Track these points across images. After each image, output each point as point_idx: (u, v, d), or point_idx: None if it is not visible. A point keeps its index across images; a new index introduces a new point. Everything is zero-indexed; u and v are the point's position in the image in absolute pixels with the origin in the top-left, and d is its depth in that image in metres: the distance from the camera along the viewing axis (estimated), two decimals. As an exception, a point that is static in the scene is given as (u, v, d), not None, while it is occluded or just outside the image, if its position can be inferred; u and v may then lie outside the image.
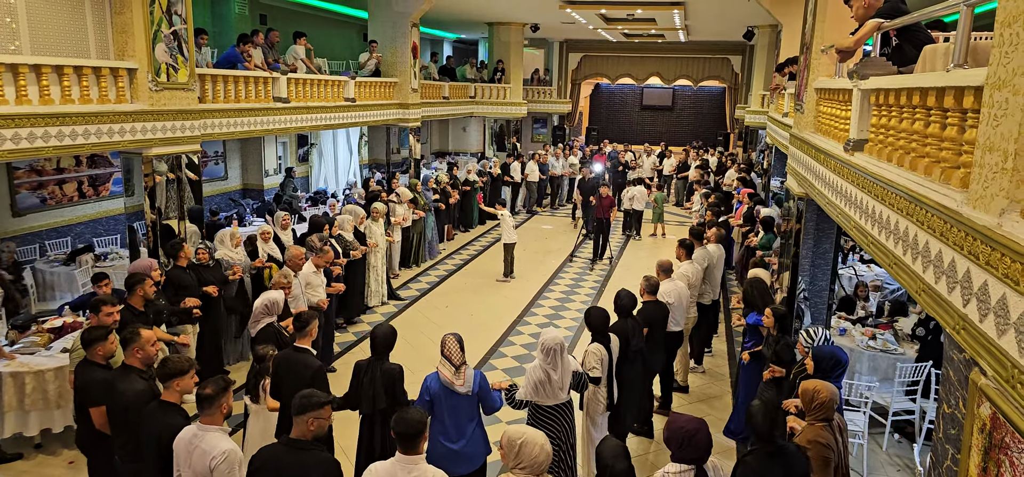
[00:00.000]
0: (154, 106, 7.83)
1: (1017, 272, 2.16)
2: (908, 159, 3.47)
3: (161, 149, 8.05)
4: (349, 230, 9.68)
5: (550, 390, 5.01)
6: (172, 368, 4.22)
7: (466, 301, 11.27)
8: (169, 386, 4.22)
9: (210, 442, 3.84)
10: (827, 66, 6.29)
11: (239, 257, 8.26)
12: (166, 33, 7.89)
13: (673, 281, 7.36)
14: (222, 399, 4.01)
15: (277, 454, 3.80)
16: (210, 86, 9.23)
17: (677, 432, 3.62)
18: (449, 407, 4.73)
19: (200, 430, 3.92)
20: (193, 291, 7.21)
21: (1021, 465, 2.12)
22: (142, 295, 6.17)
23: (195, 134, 8.55)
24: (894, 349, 7.62)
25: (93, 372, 4.77)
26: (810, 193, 6.25)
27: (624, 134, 28.84)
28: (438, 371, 4.77)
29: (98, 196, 11.82)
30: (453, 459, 4.67)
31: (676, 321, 7.29)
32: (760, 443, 3.88)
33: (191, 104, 8.41)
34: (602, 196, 13.84)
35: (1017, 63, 2.28)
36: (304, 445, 3.77)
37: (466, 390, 4.72)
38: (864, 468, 6.76)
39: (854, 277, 10.07)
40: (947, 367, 2.84)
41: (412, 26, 15.13)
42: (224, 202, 14.80)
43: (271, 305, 6.09)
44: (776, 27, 16.96)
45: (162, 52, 7.85)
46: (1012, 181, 2.32)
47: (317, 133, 17.13)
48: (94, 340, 4.85)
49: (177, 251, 7.36)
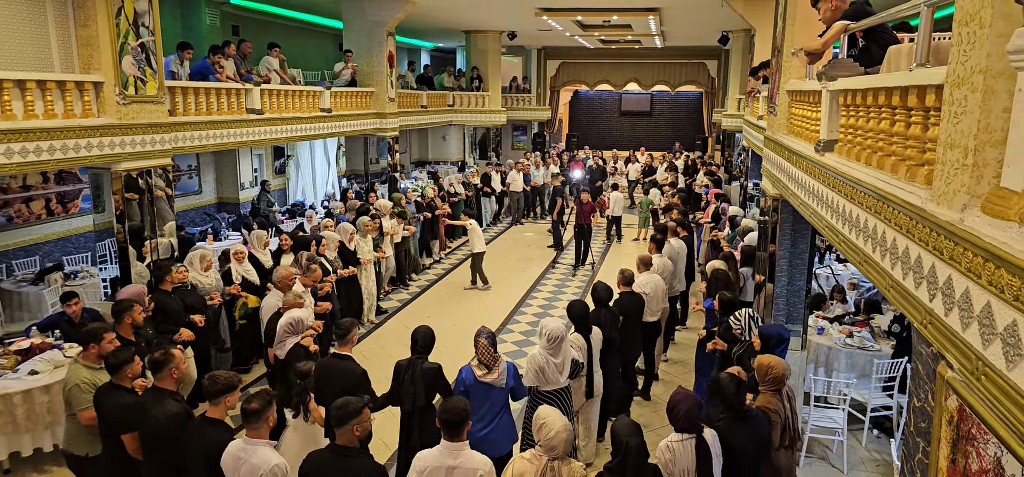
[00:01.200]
0: (122, 120, 7.63)
1: (979, 266, 2.20)
2: (876, 158, 3.52)
3: (130, 164, 7.84)
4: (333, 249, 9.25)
5: (552, 375, 5.31)
6: (223, 384, 4.28)
7: (448, 311, 11.25)
8: (218, 402, 4.28)
9: (260, 456, 3.91)
10: (798, 69, 6.37)
11: (212, 281, 7.88)
12: (133, 45, 7.69)
13: (650, 274, 7.82)
14: (268, 413, 4.06)
15: (324, 461, 3.89)
16: (181, 98, 9.03)
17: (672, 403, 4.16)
18: (482, 398, 5.04)
19: (247, 444, 3.98)
20: (179, 317, 6.91)
21: (988, 456, 2.16)
22: (131, 323, 5.93)
23: (166, 148, 8.34)
24: (871, 346, 7.71)
25: (120, 397, 4.67)
26: (784, 194, 6.31)
27: (604, 140, 29.01)
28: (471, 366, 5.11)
29: (66, 213, 11.47)
30: (483, 444, 4.87)
31: (652, 312, 7.67)
32: (730, 411, 4.31)
33: (161, 117, 8.20)
34: (582, 202, 13.89)
35: (975, 61, 2.32)
36: (351, 452, 3.87)
37: (501, 383, 5.09)
38: (845, 464, 6.83)
39: (831, 276, 10.17)
40: (916, 361, 2.88)
41: (388, 35, 15.07)
42: (199, 217, 14.55)
43: (296, 324, 5.94)
44: (750, 31, 17.14)
45: (129, 64, 7.66)
46: (972, 177, 2.36)
47: (293, 145, 16.94)
48: (122, 363, 4.71)
49: (163, 275, 7.06)
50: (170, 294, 7.05)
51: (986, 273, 2.15)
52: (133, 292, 6.70)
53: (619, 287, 7.13)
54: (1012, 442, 1.97)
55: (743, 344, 5.80)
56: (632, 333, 7.13)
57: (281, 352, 5.87)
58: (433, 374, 5.20)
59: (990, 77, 2.25)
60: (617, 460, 3.82)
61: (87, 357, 5.14)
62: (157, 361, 4.61)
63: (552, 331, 5.31)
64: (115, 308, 6.04)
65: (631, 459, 3.77)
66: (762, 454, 4.36)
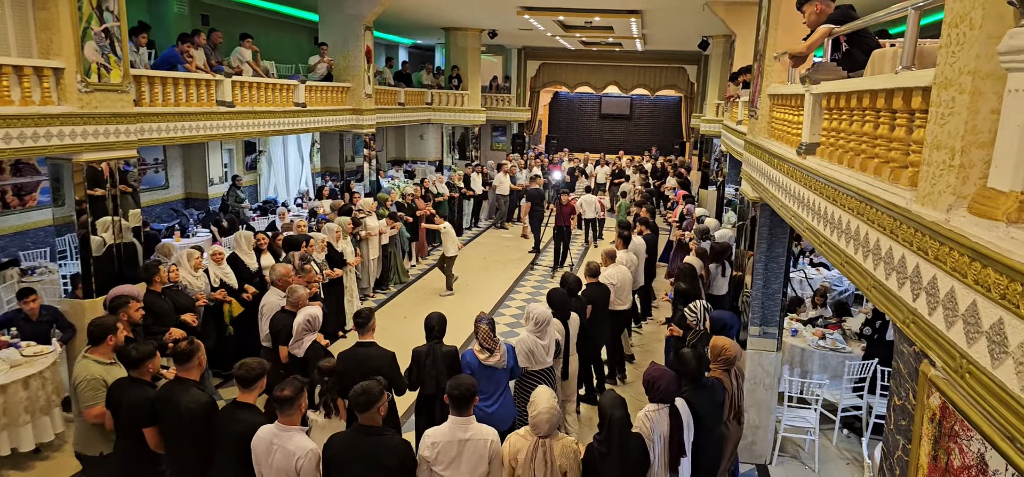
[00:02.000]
0: (84, 109, 7.22)
1: (964, 265, 2.22)
2: (858, 160, 3.55)
3: (93, 155, 7.43)
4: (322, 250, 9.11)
5: (540, 355, 5.86)
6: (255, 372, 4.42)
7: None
8: (252, 388, 4.42)
9: (296, 443, 4.05)
10: (780, 73, 6.42)
11: (201, 283, 7.67)
12: (97, 31, 7.28)
13: (616, 266, 8.48)
14: (300, 400, 4.20)
15: (351, 441, 4.05)
16: (147, 88, 8.67)
17: (646, 377, 4.69)
18: (486, 379, 5.41)
19: (281, 431, 4.10)
20: (169, 319, 6.72)
21: (971, 452, 2.17)
22: (127, 320, 5.79)
23: (131, 139, 7.93)
24: (842, 348, 7.84)
25: (143, 390, 4.65)
26: (764, 197, 6.36)
27: (583, 142, 29.11)
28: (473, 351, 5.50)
29: (24, 206, 11.06)
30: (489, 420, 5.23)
31: (621, 301, 8.33)
32: (692, 382, 4.89)
33: (126, 107, 7.79)
34: (562, 204, 13.92)
35: (963, 62, 2.35)
36: (377, 430, 4.05)
37: (503, 365, 5.49)
38: (816, 462, 6.94)
39: (805, 280, 10.30)
40: (897, 360, 2.90)
41: (365, 29, 14.84)
42: (165, 212, 14.15)
43: (313, 320, 5.89)
44: (730, 37, 17.30)
45: (92, 51, 7.25)
46: (958, 177, 2.38)
47: (266, 140, 16.62)
48: (144, 357, 4.70)
49: (153, 274, 6.85)
50: (160, 295, 6.86)
51: (972, 272, 2.17)
52: (127, 290, 6.42)
53: (586, 279, 7.77)
54: (997, 439, 1.99)
55: (697, 333, 6.42)
56: (601, 320, 7.72)
57: (300, 350, 5.82)
58: (453, 356, 5.65)
59: (979, 78, 2.27)
60: (603, 432, 4.25)
61: (99, 352, 5.00)
62: (184, 352, 4.61)
63: (539, 315, 5.90)
64: (113, 303, 5.87)
65: (616, 430, 4.20)
66: (717, 416, 5.07)
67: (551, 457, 4.19)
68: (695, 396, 4.85)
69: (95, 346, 5.02)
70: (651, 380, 4.63)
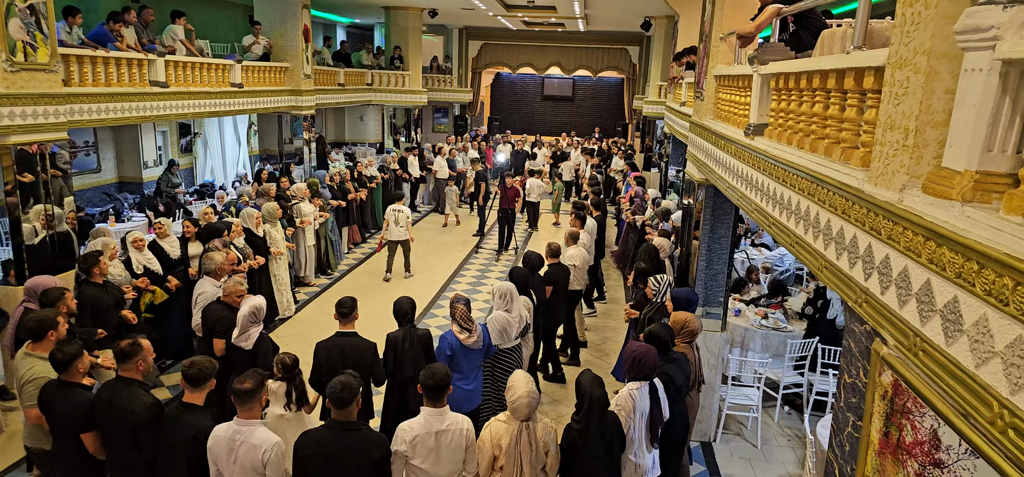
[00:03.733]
0: (10, 90, 6.82)
1: (918, 244, 2.24)
2: (809, 141, 3.58)
3: (21, 137, 7.04)
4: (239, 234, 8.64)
5: (512, 331, 6.05)
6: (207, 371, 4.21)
7: (370, 295, 10.99)
8: (201, 388, 4.20)
9: (259, 436, 3.92)
10: (726, 54, 6.47)
11: (121, 272, 7.24)
12: (21, 7, 6.87)
13: (577, 247, 8.65)
14: (261, 393, 4.05)
15: (327, 438, 3.92)
16: (77, 68, 8.30)
17: (630, 356, 4.67)
18: (465, 358, 5.56)
19: (242, 426, 3.95)
20: (109, 314, 6.26)
21: (924, 428, 2.20)
22: (66, 311, 5.39)
23: (60, 121, 7.54)
24: (784, 327, 8.01)
25: (76, 394, 4.32)
26: (711, 179, 6.42)
27: (526, 124, 29.05)
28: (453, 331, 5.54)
29: None
30: (467, 398, 5.55)
31: (578, 281, 8.50)
32: (664, 354, 5.02)
33: (54, 87, 7.41)
34: (507, 186, 13.83)
35: (918, 42, 2.36)
36: (354, 426, 3.95)
37: (480, 345, 5.60)
38: (759, 439, 7.09)
39: (746, 260, 10.50)
40: (848, 339, 2.93)
41: (302, 8, 14.42)
42: (98, 197, 13.56)
43: (257, 311, 5.60)
44: (673, 18, 17.46)
45: (17, 28, 6.83)
46: (912, 157, 2.40)
47: (201, 122, 16.06)
48: (72, 358, 4.33)
49: (93, 265, 6.37)
50: (102, 287, 6.39)
51: (926, 252, 2.19)
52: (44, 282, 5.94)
53: (548, 259, 7.86)
54: (951, 415, 2.02)
55: (653, 306, 6.55)
56: (560, 299, 7.89)
57: (248, 343, 5.56)
58: (428, 339, 5.69)
59: (934, 58, 2.29)
60: (582, 411, 4.30)
61: (42, 347, 4.67)
62: (125, 351, 4.32)
63: (502, 289, 6.12)
64: (48, 297, 5.42)
65: (595, 409, 4.27)
66: (686, 388, 5.29)
67: (535, 439, 4.20)
68: (668, 368, 5.01)
69: (37, 342, 4.70)
70: (638, 357, 4.63)
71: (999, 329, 1.80)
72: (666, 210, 10.67)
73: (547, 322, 7.78)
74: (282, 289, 9.74)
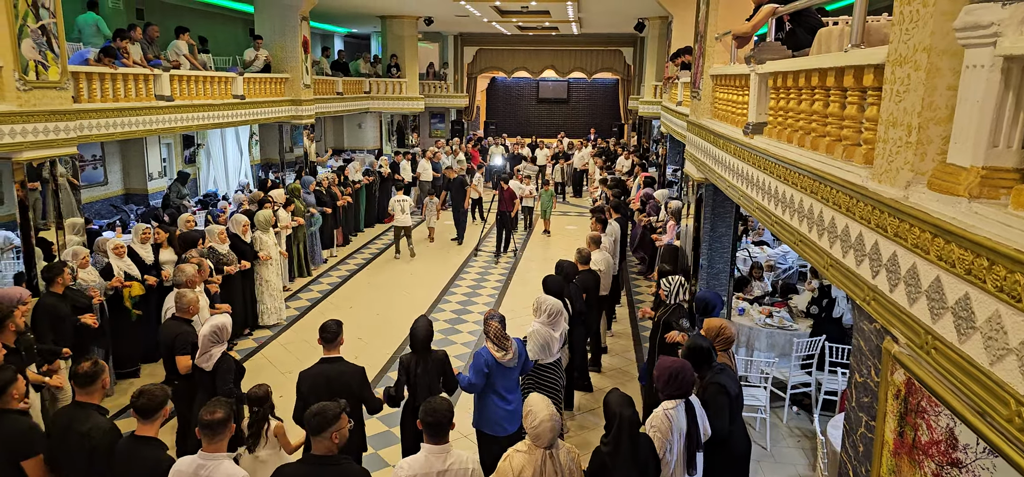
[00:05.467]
0: (23, 107, 7.07)
1: (927, 242, 2.23)
2: (809, 139, 3.58)
3: (33, 153, 7.28)
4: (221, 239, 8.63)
5: (554, 347, 5.84)
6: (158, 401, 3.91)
7: (370, 301, 11.00)
8: (153, 419, 3.89)
9: (225, 471, 3.62)
10: (722, 53, 6.48)
11: (93, 278, 7.31)
12: (33, 28, 7.14)
13: (601, 251, 8.45)
14: (230, 424, 3.76)
15: (302, 473, 3.60)
16: (85, 84, 8.53)
17: (665, 372, 4.34)
18: (501, 376, 5.24)
19: (207, 459, 3.65)
20: (66, 323, 6.26)
21: (940, 427, 2.19)
22: (14, 330, 5.25)
23: (71, 136, 7.81)
24: (790, 326, 7.96)
25: (14, 421, 4.07)
26: (710, 178, 6.41)
27: (521, 127, 29.04)
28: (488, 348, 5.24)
29: None
30: (509, 418, 5.24)
31: (604, 286, 8.33)
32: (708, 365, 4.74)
33: (65, 104, 7.68)
34: (503, 190, 13.82)
35: (918, 39, 2.35)
36: (332, 460, 3.60)
37: (515, 363, 5.29)
38: (767, 440, 7.03)
39: (748, 258, 10.48)
40: (857, 337, 2.92)
41: (301, 19, 14.57)
42: (105, 209, 13.74)
43: (220, 330, 5.27)
44: (667, 18, 17.46)
45: (29, 48, 7.10)
46: (916, 154, 2.39)
47: (204, 133, 16.21)
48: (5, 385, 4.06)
49: (56, 276, 6.40)
50: (62, 297, 6.42)
51: (935, 248, 2.18)
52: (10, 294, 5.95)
53: (579, 266, 7.61)
54: (967, 413, 2.00)
55: (667, 308, 6.35)
56: (591, 307, 7.67)
57: (208, 364, 5.24)
58: (444, 362, 5.36)
59: (934, 55, 2.28)
60: (612, 433, 3.95)
61: None
62: (87, 374, 4.14)
63: (551, 306, 5.90)
64: None
65: (625, 431, 3.91)
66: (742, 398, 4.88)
67: (560, 467, 3.90)
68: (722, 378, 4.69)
69: None
70: (674, 373, 4.32)
71: (1013, 325, 1.78)
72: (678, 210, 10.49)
73: (587, 331, 7.66)
74: (274, 295, 9.77)
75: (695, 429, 4.33)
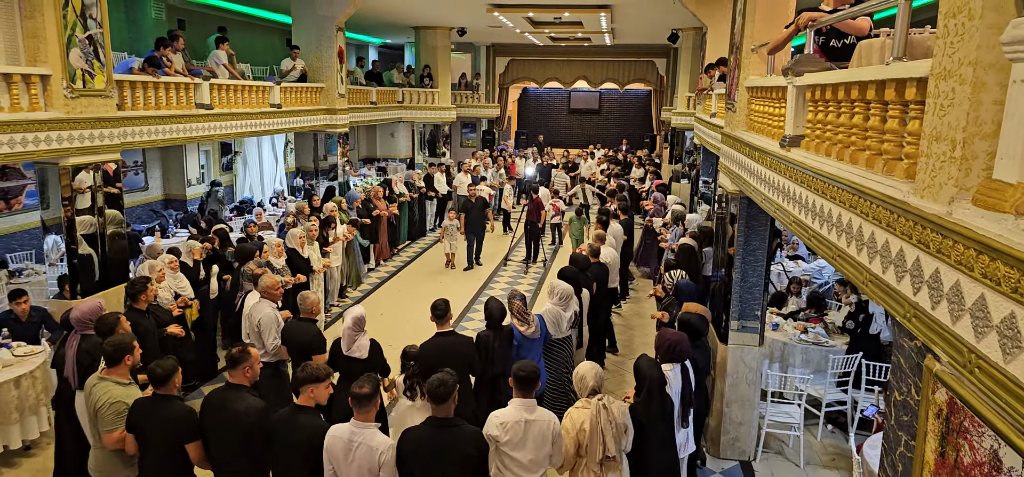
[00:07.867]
0: (70, 114, 7.35)
1: (971, 259, 2.18)
2: (848, 152, 3.52)
3: (79, 159, 7.55)
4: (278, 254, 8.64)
5: (563, 325, 6.68)
6: (312, 374, 4.43)
7: (402, 308, 11.09)
8: (304, 392, 4.41)
9: (377, 440, 4.17)
10: (758, 65, 6.41)
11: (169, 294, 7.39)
12: (81, 38, 7.41)
13: (606, 247, 9.28)
14: (377, 397, 4.30)
15: (427, 435, 4.17)
16: (129, 92, 8.79)
17: (665, 342, 5.29)
18: (528, 348, 6.15)
19: (361, 428, 4.19)
20: (153, 339, 6.22)
21: (983, 449, 2.14)
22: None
23: (115, 143, 8.06)
24: (825, 342, 7.83)
25: (176, 406, 4.46)
26: (745, 190, 6.35)
27: (552, 138, 29.08)
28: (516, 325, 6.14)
29: (10, 210, 11.25)
30: None
31: (611, 279, 9.18)
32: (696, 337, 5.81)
33: (110, 111, 7.93)
34: (533, 200, 13.87)
35: (963, 53, 2.31)
36: (452, 422, 4.20)
37: (538, 335, 6.24)
38: (801, 458, 6.92)
39: (783, 273, 10.35)
40: (897, 355, 2.87)
41: (337, 30, 14.79)
42: (145, 213, 14.21)
43: (360, 320, 5.82)
44: (701, 29, 17.35)
45: (77, 58, 7.37)
46: (961, 169, 2.35)
47: (241, 141, 16.55)
48: (170, 373, 4.48)
49: (140, 292, 6.33)
50: (145, 313, 6.37)
51: (979, 266, 2.14)
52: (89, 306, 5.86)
53: (591, 259, 8.35)
54: (1011, 435, 1.95)
55: (669, 298, 7.52)
56: (601, 296, 8.52)
57: (362, 352, 5.77)
58: (511, 336, 6.11)
59: (980, 69, 2.24)
60: (643, 392, 4.82)
61: (117, 372, 4.72)
62: (235, 357, 4.55)
63: (563, 290, 6.75)
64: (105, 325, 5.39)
65: (655, 389, 4.80)
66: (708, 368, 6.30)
67: (614, 417, 4.56)
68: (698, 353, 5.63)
69: (112, 367, 4.73)
70: (673, 343, 5.24)
71: (1061, 347, 1.74)
72: (680, 214, 11.33)
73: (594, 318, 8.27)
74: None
75: (689, 390, 5.23)
